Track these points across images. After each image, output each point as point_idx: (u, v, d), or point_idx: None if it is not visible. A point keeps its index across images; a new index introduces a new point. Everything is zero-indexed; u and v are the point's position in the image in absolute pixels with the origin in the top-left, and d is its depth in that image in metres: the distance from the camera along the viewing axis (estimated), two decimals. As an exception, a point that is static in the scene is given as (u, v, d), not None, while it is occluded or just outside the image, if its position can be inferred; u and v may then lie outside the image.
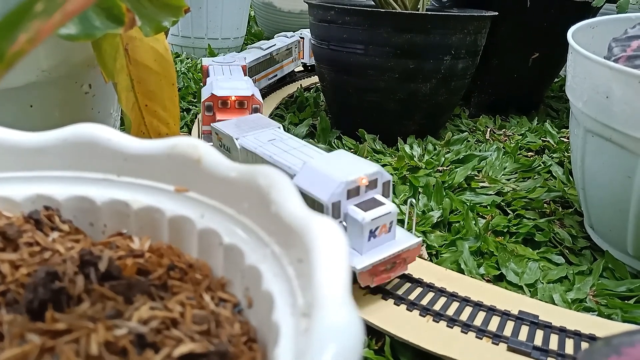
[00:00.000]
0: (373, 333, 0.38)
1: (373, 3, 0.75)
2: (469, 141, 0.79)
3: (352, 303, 0.13)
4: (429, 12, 0.67)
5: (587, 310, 0.44)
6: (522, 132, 0.85)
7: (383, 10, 0.66)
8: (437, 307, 0.39)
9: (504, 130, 0.88)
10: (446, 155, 0.69)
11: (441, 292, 0.41)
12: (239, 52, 0.86)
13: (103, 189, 0.23)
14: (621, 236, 0.51)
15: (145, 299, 0.18)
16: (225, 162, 0.21)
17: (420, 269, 0.43)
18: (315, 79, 0.97)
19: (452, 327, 0.37)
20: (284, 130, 0.50)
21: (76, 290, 0.17)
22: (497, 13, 0.75)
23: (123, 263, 0.20)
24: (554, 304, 0.44)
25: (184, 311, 0.18)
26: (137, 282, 0.19)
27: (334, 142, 0.72)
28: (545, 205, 0.61)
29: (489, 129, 0.87)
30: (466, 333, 0.37)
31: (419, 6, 0.75)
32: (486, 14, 0.72)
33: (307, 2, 0.75)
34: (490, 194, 0.61)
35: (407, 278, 0.42)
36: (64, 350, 0.14)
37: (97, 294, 0.18)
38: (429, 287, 0.41)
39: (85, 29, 0.32)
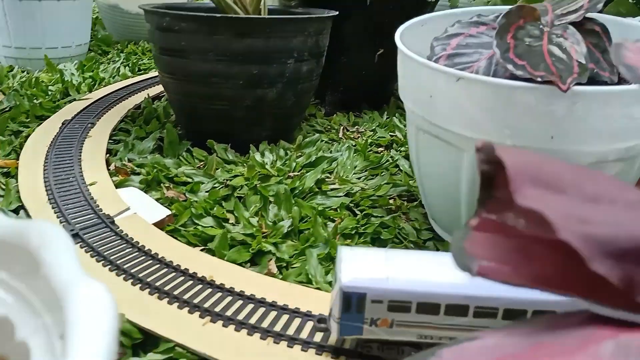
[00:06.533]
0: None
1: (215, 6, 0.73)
2: (323, 141, 0.80)
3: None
4: (269, 16, 0.66)
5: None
6: (373, 127, 0.88)
7: (219, 15, 0.64)
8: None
9: (356, 127, 0.90)
10: (297, 160, 0.69)
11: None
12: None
13: None
14: (458, 226, 0.54)
15: None
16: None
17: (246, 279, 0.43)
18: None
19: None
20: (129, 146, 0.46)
21: None
22: (337, 13, 0.76)
23: None
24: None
25: None
26: None
27: (184, 155, 0.69)
28: (392, 201, 0.63)
29: (342, 127, 0.88)
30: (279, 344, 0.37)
31: (261, 7, 0.74)
32: (325, 15, 0.73)
33: (141, 8, 0.71)
34: (340, 196, 0.62)
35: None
36: None
37: None
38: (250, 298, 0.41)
39: None
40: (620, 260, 0.17)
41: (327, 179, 0.66)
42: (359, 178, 0.68)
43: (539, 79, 0.41)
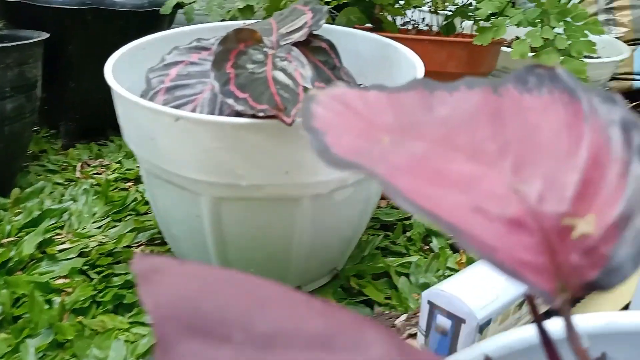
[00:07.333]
0: None
1: None
2: (55, 183, 0.68)
3: None
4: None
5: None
6: (119, 158, 0.78)
7: None
8: None
9: (100, 160, 0.79)
10: (14, 220, 0.56)
11: None
12: None
13: None
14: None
15: None
16: None
17: None
18: None
19: None
20: None
21: None
22: (48, 35, 0.65)
23: None
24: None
25: None
26: None
27: None
28: (139, 250, 0.55)
29: (81, 163, 0.76)
30: None
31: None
32: (31, 41, 0.60)
33: None
34: (72, 258, 0.52)
35: None
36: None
37: None
38: None
39: None
40: None
41: (56, 237, 0.55)
42: (98, 228, 0.58)
43: (262, 114, 0.37)
